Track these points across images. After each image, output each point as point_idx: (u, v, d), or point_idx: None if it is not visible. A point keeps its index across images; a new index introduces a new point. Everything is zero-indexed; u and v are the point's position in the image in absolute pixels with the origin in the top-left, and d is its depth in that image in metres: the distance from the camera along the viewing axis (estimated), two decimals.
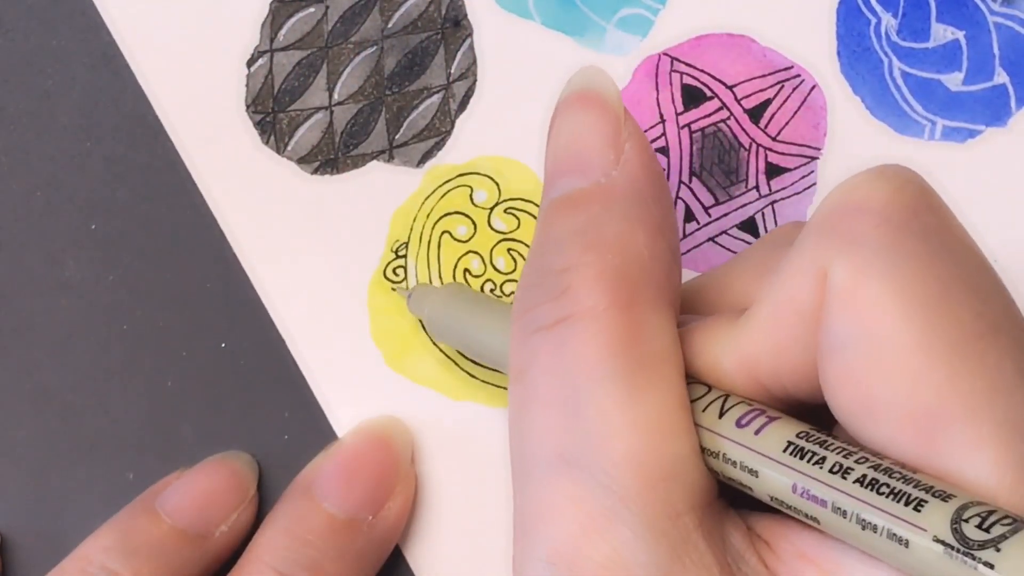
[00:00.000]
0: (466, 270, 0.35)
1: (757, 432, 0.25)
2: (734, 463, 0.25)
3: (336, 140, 0.36)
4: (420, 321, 0.35)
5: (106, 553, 0.32)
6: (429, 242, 0.36)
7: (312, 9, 0.37)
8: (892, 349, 0.24)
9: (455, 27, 0.37)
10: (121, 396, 0.36)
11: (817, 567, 0.25)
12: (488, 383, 0.35)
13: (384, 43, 0.37)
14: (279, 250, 0.36)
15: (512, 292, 0.35)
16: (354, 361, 0.35)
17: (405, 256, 0.36)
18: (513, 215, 0.36)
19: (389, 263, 0.36)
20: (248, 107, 0.37)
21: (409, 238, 0.36)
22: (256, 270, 0.36)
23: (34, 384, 0.36)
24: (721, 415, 0.26)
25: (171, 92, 0.37)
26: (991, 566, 0.21)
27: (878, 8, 0.36)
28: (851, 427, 0.25)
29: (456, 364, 0.35)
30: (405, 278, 0.36)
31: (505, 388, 0.34)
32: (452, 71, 0.36)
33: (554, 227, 0.28)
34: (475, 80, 0.36)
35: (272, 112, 0.37)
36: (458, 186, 0.36)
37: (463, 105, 0.36)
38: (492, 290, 0.35)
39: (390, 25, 0.37)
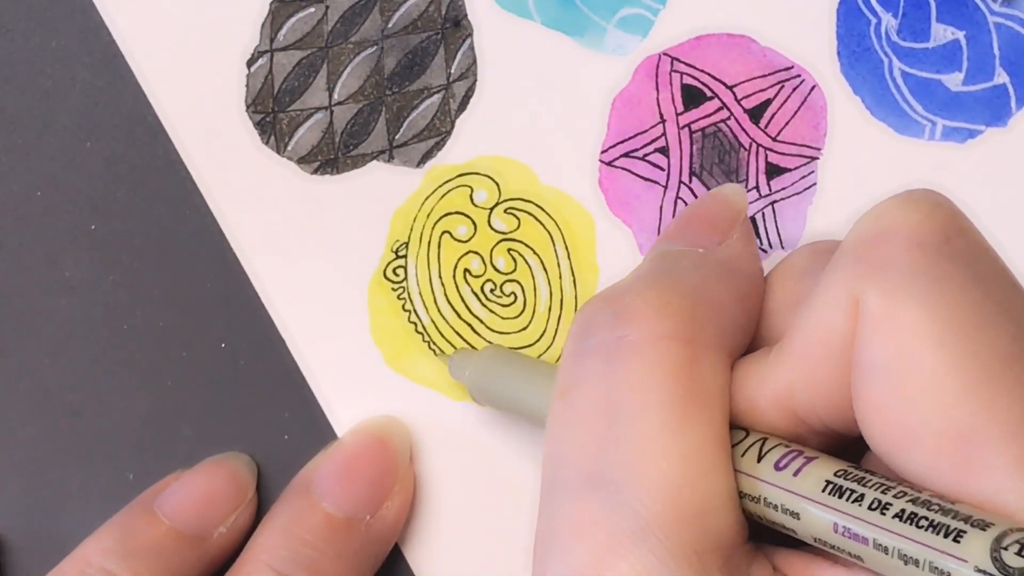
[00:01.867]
0: (466, 270, 0.35)
1: (796, 473, 0.25)
2: (775, 507, 0.25)
3: (336, 140, 0.36)
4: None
5: (105, 554, 0.32)
6: (429, 242, 0.36)
7: (312, 9, 0.37)
8: (927, 374, 0.23)
9: (455, 27, 0.37)
10: (121, 396, 0.36)
11: None
12: None
13: (384, 43, 0.37)
14: (279, 250, 0.36)
15: (512, 292, 0.35)
16: (354, 361, 0.35)
17: (405, 256, 0.36)
18: (513, 215, 0.36)
19: (389, 263, 0.36)
20: (248, 107, 0.37)
21: (409, 238, 0.36)
22: (256, 270, 0.36)
23: (34, 384, 0.36)
24: (760, 459, 0.26)
25: (171, 92, 0.37)
26: None
27: (878, 8, 0.36)
28: (886, 455, 0.24)
29: None
30: (405, 278, 0.36)
31: None
32: (452, 71, 0.36)
33: (640, 267, 0.28)
34: (475, 80, 0.36)
35: (272, 112, 0.37)
36: (458, 186, 0.36)
37: (463, 105, 0.36)
38: (492, 290, 0.35)
39: (390, 25, 0.37)
